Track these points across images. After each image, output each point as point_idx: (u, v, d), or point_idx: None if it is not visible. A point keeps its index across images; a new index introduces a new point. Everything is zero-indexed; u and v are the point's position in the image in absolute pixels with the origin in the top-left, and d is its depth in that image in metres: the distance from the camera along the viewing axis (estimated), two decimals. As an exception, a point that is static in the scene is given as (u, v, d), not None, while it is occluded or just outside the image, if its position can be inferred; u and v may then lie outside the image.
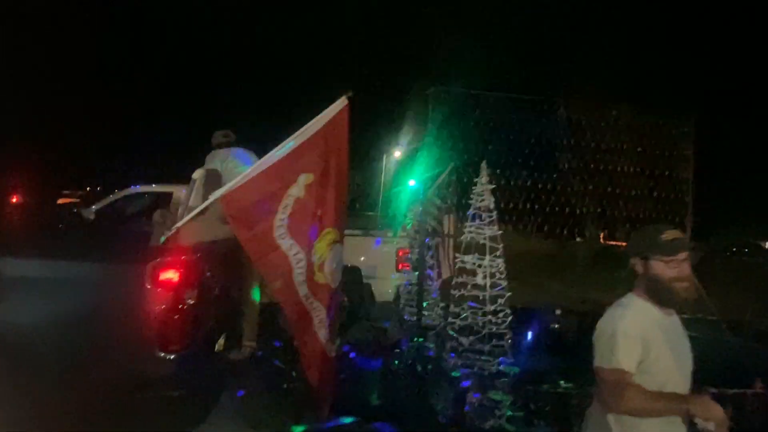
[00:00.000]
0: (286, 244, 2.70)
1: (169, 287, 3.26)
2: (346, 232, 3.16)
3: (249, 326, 4.03)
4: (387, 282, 6.24)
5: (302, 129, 2.74)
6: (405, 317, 5.20)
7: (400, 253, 6.03)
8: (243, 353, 3.95)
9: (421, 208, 4.93)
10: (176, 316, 3.25)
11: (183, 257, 3.29)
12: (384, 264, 6.52)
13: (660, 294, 1.92)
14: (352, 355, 4.63)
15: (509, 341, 3.70)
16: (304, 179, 2.78)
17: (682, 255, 1.90)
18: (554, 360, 4.34)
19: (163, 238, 2.87)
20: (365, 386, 3.89)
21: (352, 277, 6.51)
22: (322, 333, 2.82)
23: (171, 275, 3.26)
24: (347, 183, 2.90)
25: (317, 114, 2.78)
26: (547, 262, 14.09)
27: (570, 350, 4.69)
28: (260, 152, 3.58)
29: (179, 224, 2.87)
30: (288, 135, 2.80)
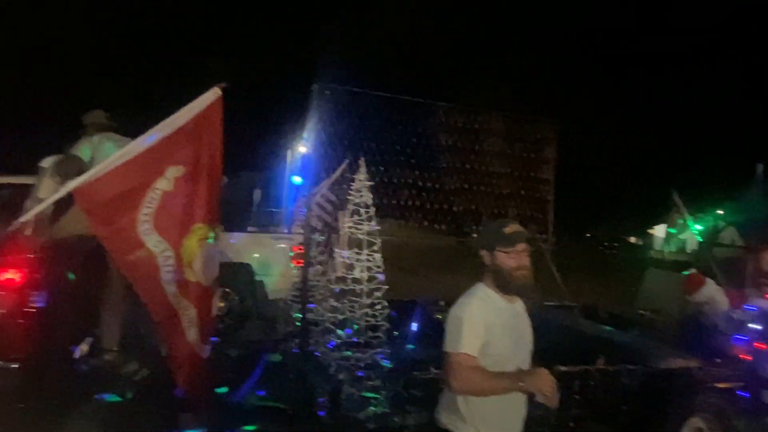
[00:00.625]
0: (152, 240, 2.54)
1: (10, 289, 2.89)
2: (250, 230, 3.05)
3: (109, 330, 3.71)
4: (282, 279, 6.17)
5: (169, 119, 2.58)
6: (294, 314, 5.15)
7: (295, 250, 5.96)
8: (102, 359, 3.63)
9: (311, 205, 4.91)
10: (19, 321, 2.89)
11: (28, 255, 2.93)
12: (278, 261, 6.44)
13: (502, 282, 2.13)
14: (234, 354, 4.50)
15: (387, 333, 3.83)
16: (173, 172, 2.64)
17: (521, 246, 2.12)
18: (435, 348, 4.57)
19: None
20: (248, 386, 3.80)
21: (243, 274, 6.32)
22: (192, 333, 2.69)
23: (11, 275, 2.89)
24: (221, 177, 2.80)
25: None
26: (444, 255, 14.85)
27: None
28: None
29: (22, 219, 2.55)
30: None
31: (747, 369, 2.71)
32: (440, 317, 5.45)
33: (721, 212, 6.41)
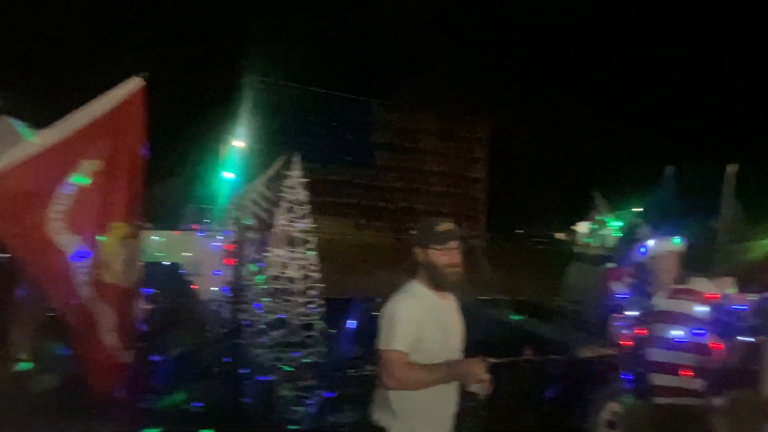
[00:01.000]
0: (64, 239, 2.35)
1: None
2: (179, 228, 2.88)
3: (20, 339, 3.39)
4: (213, 279, 5.92)
5: (84, 109, 2.40)
6: (226, 315, 4.96)
7: (227, 248, 5.73)
8: (8, 370, 3.31)
9: (244, 202, 4.75)
10: None
11: None
12: (210, 260, 6.16)
13: (435, 278, 2.17)
14: (162, 357, 4.27)
15: (322, 331, 3.79)
16: (89, 166, 2.45)
17: (453, 244, 2.17)
18: (371, 346, 4.58)
19: None
20: (178, 391, 3.63)
21: (171, 275, 6.01)
22: (110, 338, 2.52)
23: None
24: (142, 172, 2.63)
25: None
26: (382, 253, 14.93)
27: None
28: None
29: None
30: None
31: (629, 354, 2.93)
32: (377, 314, 5.46)
33: (637, 210, 6.89)
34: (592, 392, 4.05)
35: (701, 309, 2.80)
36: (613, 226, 6.60)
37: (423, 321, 2.09)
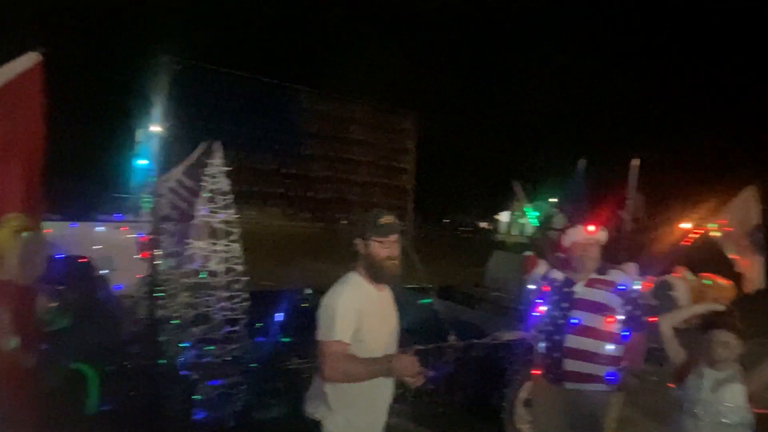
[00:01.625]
0: (-54, 233, 2.08)
1: None
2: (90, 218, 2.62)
3: None
4: (128, 273, 5.51)
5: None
6: (142, 312, 4.64)
7: (142, 241, 5.35)
8: None
9: (162, 191, 4.45)
10: None
11: None
12: (124, 253, 5.72)
13: (374, 270, 2.19)
14: (71, 359, 3.93)
15: (247, 326, 3.67)
16: (-24, 151, 2.18)
17: (393, 237, 2.19)
18: (300, 338, 4.52)
19: None
20: (88, 394, 3.36)
21: (80, 269, 5.52)
22: (7, 341, 2.28)
23: None
24: (41, 158, 2.38)
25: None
26: (311, 244, 14.68)
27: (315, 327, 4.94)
28: None
29: None
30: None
31: (546, 339, 3.10)
32: (307, 306, 5.40)
33: (554, 200, 7.28)
34: (512, 374, 4.26)
35: (616, 299, 2.95)
36: (532, 216, 6.94)
37: (362, 312, 2.11)
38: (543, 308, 3.13)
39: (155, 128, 4.34)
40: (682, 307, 4.72)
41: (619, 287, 3.01)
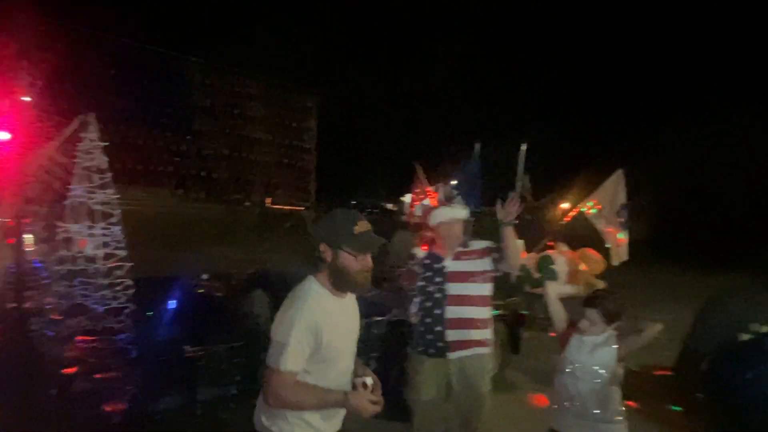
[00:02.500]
0: None
1: None
2: None
3: None
4: None
5: None
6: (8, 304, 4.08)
7: (8, 225, 4.65)
8: None
9: (30, 169, 3.90)
10: None
11: None
12: None
13: (342, 283, 1.93)
14: None
15: (133, 315, 3.39)
16: None
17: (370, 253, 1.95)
18: (195, 326, 4.28)
19: None
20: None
21: None
22: None
23: None
24: None
25: None
26: (215, 227, 13.83)
27: (216, 314, 4.70)
28: None
29: None
30: None
31: (426, 313, 3.18)
32: (202, 292, 5.11)
33: (454, 182, 7.58)
34: (407, 346, 4.39)
35: (483, 262, 3.17)
36: (432, 198, 7.15)
37: (321, 331, 1.87)
38: (420, 285, 3.23)
39: (20, 96, 3.80)
40: (561, 278, 5.18)
41: (482, 253, 3.22)
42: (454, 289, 3.15)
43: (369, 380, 1.92)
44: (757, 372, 1.87)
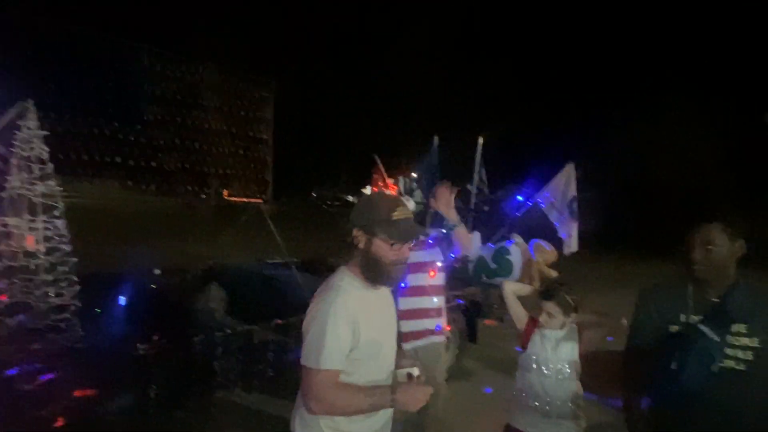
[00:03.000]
0: None
1: None
2: None
3: None
4: None
5: None
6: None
7: None
8: None
9: None
10: None
11: None
12: None
13: (374, 274, 1.75)
14: None
15: (80, 313, 3.23)
16: None
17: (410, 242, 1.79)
18: (146, 323, 4.13)
19: None
20: None
21: None
22: None
23: None
24: None
25: None
26: (168, 220, 13.30)
27: (169, 310, 4.55)
28: None
29: None
30: None
31: None
32: (154, 288, 4.93)
33: (414, 175, 7.62)
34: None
35: (434, 251, 3.20)
36: (392, 189, 7.17)
37: (358, 325, 1.70)
38: None
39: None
40: (516, 268, 5.32)
41: (432, 240, 3.25)
42: (407, 280, 3.13)
43: (416, 370, 1.79)
44: (681, 363, 1.84)
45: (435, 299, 3.20)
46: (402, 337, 3.08)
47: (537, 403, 2.59)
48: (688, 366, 1.81)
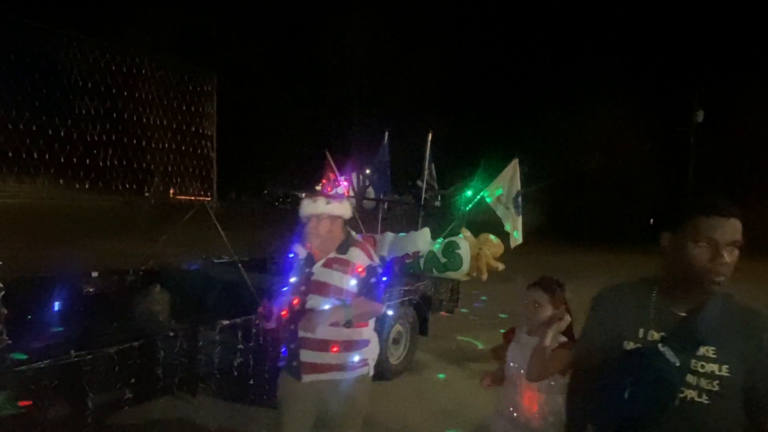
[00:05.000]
0: None
1: None
2: None
3: None
4: None
5: None
6: None
7: None
8: None
9: None
10: None
11: None
12: None
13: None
14: None
15: (7, 320, 2.99)
16: None
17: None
18: (82, 327, 3.91)
19: None
20: None
21: None
22: None
23: None
24: None
25: None
26: (106, 220, 12.56)
27: (107, 313, 4.34)
28: None
29: None
30: None
31: (284, 326, 2.67)
32: (91, 291, 4.68)
33: (368, 171, 7.58)
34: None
35: (351, 281, 2.54)
36: (343, 186, 7.13)
37: None
38: (287, 290, 2.67)
39: None
40: (465, 262, 5.40)
41: (356, 268, 2.56)
42: (313, 302, 2.53)
43: None
44: (633, 391, 1.48)
45: (344, 331, 2.51)
46: (302, 368, 2.55)
47: (518, 418, 2.37)
48: (642, 394, 1.46)
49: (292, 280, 2.67)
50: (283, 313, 2.63)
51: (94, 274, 4.77)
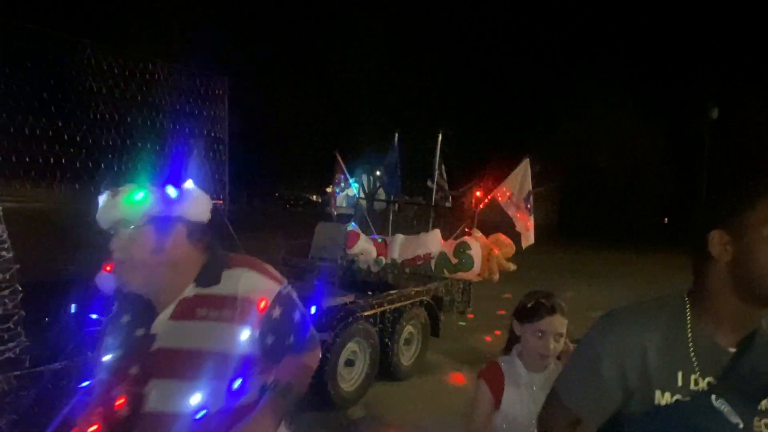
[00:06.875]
0: None
1: None
2: None
3: None
4: None
5: None
6: None
7: None
8: None
9: None
10: None
11: None
12: None
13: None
14: None
15: (22, 323, 3.04)
16: None
17: None
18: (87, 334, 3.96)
19: None
20: None
21: None
22: None
23: None
24: None
25: None
26: None
27: None
28: None
29: None
30: None
31: None
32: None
33: (378, 173, 7.60)
34: (334, 335, 4.35)
35: (242, 334, 1.26)
36: (354, 187, 7.15)
37: None
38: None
39: None
40: (476, 263, 5.39)
41: (251, 306, 1.36)
42: (160, 394, 1.29)
43: None
44: None
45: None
46: None
47: None
48: None
49: (108, 357, 1.41)
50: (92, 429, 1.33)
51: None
